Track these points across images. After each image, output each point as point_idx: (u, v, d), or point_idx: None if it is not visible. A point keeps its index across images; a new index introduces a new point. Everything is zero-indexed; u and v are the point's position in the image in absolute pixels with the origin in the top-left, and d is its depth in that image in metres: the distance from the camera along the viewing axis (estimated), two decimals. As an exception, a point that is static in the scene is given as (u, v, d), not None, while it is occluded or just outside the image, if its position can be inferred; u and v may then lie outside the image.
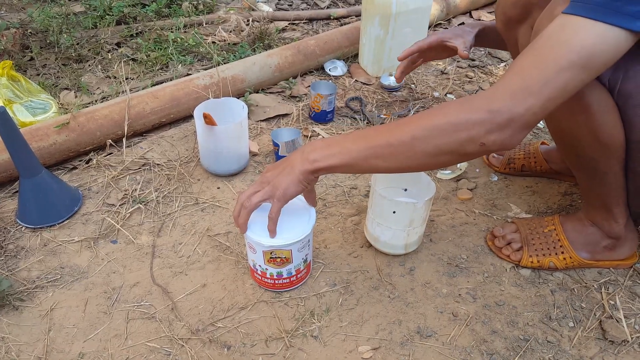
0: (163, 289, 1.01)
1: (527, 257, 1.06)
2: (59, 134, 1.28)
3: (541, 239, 1.07)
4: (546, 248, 1.06)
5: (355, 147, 0.79)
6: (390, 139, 0.77)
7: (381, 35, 1.65)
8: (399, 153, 0.77)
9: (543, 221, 1.09)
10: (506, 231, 1.10)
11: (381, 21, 1.61)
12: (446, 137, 0.74)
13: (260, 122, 1.53)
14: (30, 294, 0.99)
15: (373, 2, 1.60)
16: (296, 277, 0.99)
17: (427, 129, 0.75)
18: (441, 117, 0.75)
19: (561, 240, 1.05)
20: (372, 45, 1.69)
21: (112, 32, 1.90)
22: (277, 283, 0.98)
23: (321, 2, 2.34)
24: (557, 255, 1.05)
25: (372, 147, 0.78)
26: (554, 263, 1.05)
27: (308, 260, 1.00)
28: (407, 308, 0.99)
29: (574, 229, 1.05)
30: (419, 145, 0.75)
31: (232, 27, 2.01)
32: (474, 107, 0.73)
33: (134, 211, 1.20)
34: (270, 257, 0.93)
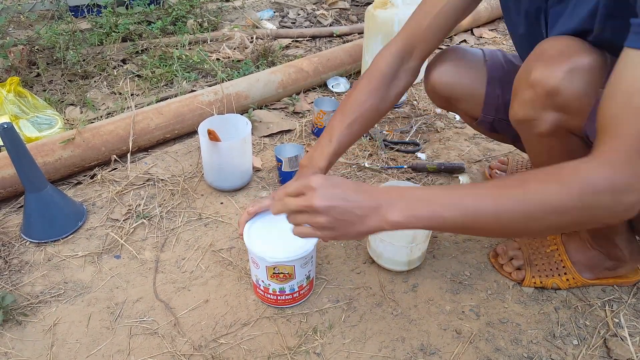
0: (166, 304, 1.01)
1: (529, 277, 1.05)
2: (64, 150, 1.29)
3: (544, 260, 1.06)
4: (549, 269, 1.05)
5: (450, 215, 0.65)
6: (498, 213, 0.64)
7: None
8: (507, 229, 0.67)
9: (545, 241, 1.09)
10: (508, 249, 1.10)
11: (384, 39, 1.64)
12: (566, 216, 0.62)
13: (264, 137, 1.54)
14: (34, 309, 0.99)
15: (376, 21, 1.62)
16: (299, 294, 0.99)
17: (542, 206, 0.62)
18: (556, 189, 0.61)
19: (564, 261, 1.05)
20: None
21: (117, 49, 1.93)
22: (279, 299, 0.98)
23: (324, 19, 2.38)
24: (560, 277, 1.04)
25: (472, 217, 0.65)
26: (557, 284, 1.04)
27: (311, 277, 1.00)
28: (410, 325, 0.98)
29: (576, 250, 1.05)
30: (533, 225, 0.64)
31: (236, 45, 2.03)
32: (594, 179, 0.60)
33: (138, 226, 1.20)
34: (273, 272, 0.93)
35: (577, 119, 0.74)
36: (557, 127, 0.76)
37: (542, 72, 0.73)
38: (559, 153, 0.81)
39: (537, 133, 0.79)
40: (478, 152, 1.50)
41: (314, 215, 0.68)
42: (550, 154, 0.83)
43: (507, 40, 2.26)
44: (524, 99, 0.77)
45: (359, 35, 2.22)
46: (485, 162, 1.46)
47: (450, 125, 1.62)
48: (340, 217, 0.67)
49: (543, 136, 0.79)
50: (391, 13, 1.60)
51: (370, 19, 1.65)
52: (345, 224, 0.68)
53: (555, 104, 0.73)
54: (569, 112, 0.74)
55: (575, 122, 0.75)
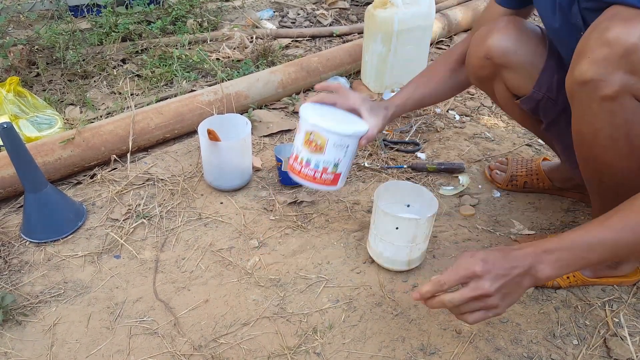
0: (166, 304, 1.01)
1: None
2: (64, 149, 1.29)
3: None
4: None
5: (595, 257, 0.71)
6: (636, 241, 0.69)
7: (383, 52, 1.67)
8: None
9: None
10: None
11: (383, 39, 1.64)
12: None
13: (264, 137, 1.54)
14: (34, 309, 0.99)
15: (375, 20, 1.62)
16: (320, 176, 0.98)
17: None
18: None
19: None
20: (375, 63, 1.71)
21: (117, 49, 1.93)
22: (302, 171, 0.98)
23: (324, 19, 2.38)
24: None
25: (613, 252, 0.71)
26: (558, 282, 1.04)
27: (339, 171, 0.99)
28: (410, 325, 0.98)
29: None
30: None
31: (236, 44, 2.03)
32: None
33: (138, 226, 1.20)
34: (308, 138, 0.95)
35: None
36: (623, 90, 0.75)
37: (621, 29, 0.71)
38: (615, 122, 0.79)
39: (601, 96, 0.76)
40: (478, 152, 1.50)
41: (485, 299, 0.72)
42: (606, 122, 0.80)
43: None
44: (596, 57, 0.75)
45: (358, 35, 2.22)
46: (484, 162, 1.46)
47: (450, 125, 1.62)
48: (506, 292, 0.72)
49: (606, 100, 0.76)
50: (391, 12, 1.60)
51: (370, 19, 1.65)
52: (509, 296, 0.73)
53: (629, 63, 0.72)
54: (637, 74, 0.73)
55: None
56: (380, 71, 1.72)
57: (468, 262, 0.73)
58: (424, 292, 0.77)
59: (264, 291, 1.05)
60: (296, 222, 1.22)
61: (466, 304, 0.73)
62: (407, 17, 1.62)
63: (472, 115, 1.68)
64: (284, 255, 1.14)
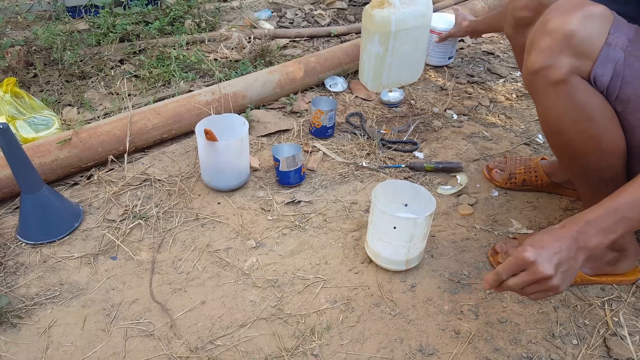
0: (162, 305, 1.00)
1: None
2: (61, 150, 1.29)
3: None
4: None
5: (637, 215, 0.74)
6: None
7: (381, 52, 1.66)
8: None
9: None
10: (508, 247, 1.09)
11: (381, 39, 1.63)
12: None
13: (261, 137, 1.53)
14: (29, 311, 0.99)
15: (373, 21, 1.62)
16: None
17: None
18: None
19: None
20: (372, 63, 1.70)
21: (115, 50, 1.92)
22: None
23: (322, 19, 2.37)
24: None
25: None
26: None
27: None
28: (408, 325, 0.98)
29: None
30: None
31: (234, 45, 2.03)
32: None
33: (134, 227, 1.19)
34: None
35: (588, 63, 0.81)
36: (571, 72, 0.82)
37: (559, 20, 0.80)
38: (573, 104, 0.84)
39: (552, 81, 0.83)
40: (475, 151, 1.50)
41: (545, 282, 0.74)
42: (565, 106, 0.85)
43: (504, 39, 2.25)
44: (541, 47, 0.83)
45: (356, 35, 2.21)
46: (482, 161, 1.45)
47: (448, 125, 1.61)
48: (564, 270, 0.75)
49: (558, 83, 0.83)
50: (388, 12, 1.59)
51: (367, 19, 1.64)
52: (568, 273, 0.76)
53: (571, 46, 0.80)
54: (581, 55, 0.80)
55: (586, 65, 0.81)
56: (378, 71, 1.71)
57: (518, 251, 0.76)
58: (491, 282, 0.79)
59: (261, 292, 1.04)
60: (294, 222, 1.22)
61: (529, 286, 0.76)
62: (404, 17, 1.61)
63: (470, 115, 1.68)
64: (282, 255, 1.13)
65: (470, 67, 2.00)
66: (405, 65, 1.75)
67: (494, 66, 1.99)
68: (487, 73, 1.96)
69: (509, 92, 1.83)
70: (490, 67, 1.99)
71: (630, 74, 0.81)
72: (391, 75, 1.73)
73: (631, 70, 0.80)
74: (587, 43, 0.80)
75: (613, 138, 0.86)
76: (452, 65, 1.99)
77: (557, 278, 0.74)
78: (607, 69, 0.80)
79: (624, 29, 0.81)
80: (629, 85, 0.81)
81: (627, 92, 0.82)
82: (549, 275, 0.73)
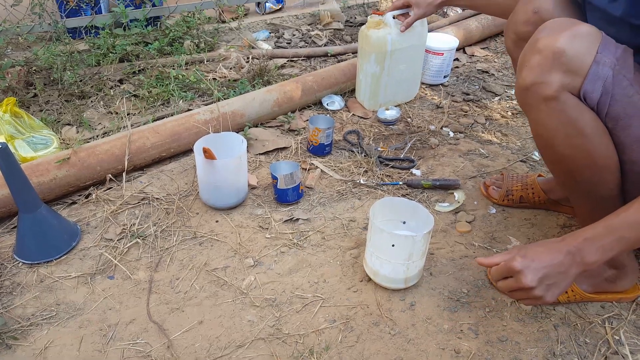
0: (159, 326, 0.99)
1: None
2: (59, 169, 1.29)
3: None
4: None
5: (635, 235, 0.78)
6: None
7: (377, 72, 1.69)
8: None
9: None
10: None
11: (377, 58, 1.65)
12: None
13: (259, 155, 1.54)
14: (25, 332, 0.97)
15: (369, 41, 1.64)
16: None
17: None
18: None
19: None
20: (369, 82, 1.72)
21: (114, 70, 1.94)
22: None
23: (318, 40, 2.41)
24: None
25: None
26: None
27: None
28: (408, 345, 0.97)
29: None
30: None
31: (233, 64, 2.05)
32: None
33: (132, 246, 1.19)
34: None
35: (577, 79, 0.83)
36: (561, 89, 0.83)
37: (548, 38, 0.83)
38: (565, 119, 0.86)
39: (544, 97, 0.85)
40: (472, 168, 1.50)
41: (528, 291, 0.81)
42: (557, 121, 0.87)
43: (498, 58, 2.29)
44: (532, 65, 0.85)
45: (352, 54, 2.24)
46: (479, 178, 1.46)
47: (444, 142, 1.62)
48: (550, 282, 0.80)
49: (550, 100, 0.85)
50: (384, 33, 1.62)
51: (363, 39, 1.67)
52: (555, 286, 0.81)
53: (561, 63, 0.82)
54: (571, 72, 0.83)
55: (576, 82, 0.83)
56: (375, 90, 1.73)
57: (508, 258, 0.82)
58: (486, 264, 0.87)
59: (259, 311, 1.03)
60: (292, 240, 1.22)
61: (515, 292, 0.83)
62: (400, 37, 1.64)
63: (466, 132, 1.69)
64: (280, 274, 1.12)
65: (465, 85, 2.02)
66: (401, 84, 1.77)
67: (489, 84, 2.01)
68: (482, 91, 1.99)
69: (504, 109, 1.85)
70: (485, 85, 2.02)
71: (619, 92, 0.83)
72: (387, 94, 1.75)
73: (620, 88, 0.82)
74: (576, 60, 0.82)
75: (606, 153, 0.88)
76: (448, 84, 2.02)
77: (539, 289, 0.80)
78: (597, 86, 0.82)
79: (612, 48, 0.83)
80: (618, 103, 0.83)
81: (616, 110, 0.84)
82: (531, 286, 0.80)
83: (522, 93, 0.90)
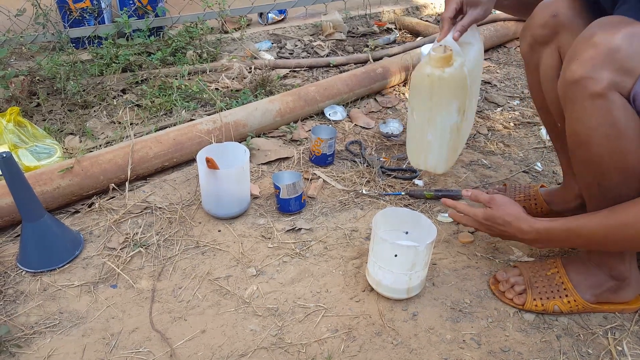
0: (162, 334, 0.99)
1: (530, 300, 1.05)
2: (62, 178, 1.29)
3: (544, 282, 1.06)
4: (550, 291, 1.05)
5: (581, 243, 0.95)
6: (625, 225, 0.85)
7: (458, 121, 1.20)
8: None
9: (545, 264, 1.09)
10: (509, 275, 1.10)
11: (460, 105, 1.18)
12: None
13: (262, 165, 1.55)
14: (28, 340, 0.97)
15: (447, 86, 1.16)
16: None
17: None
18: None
19: (565, 283, 1.04)
20: (447, 138, 1.24)
21: (117, 79, 1.96)
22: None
23: (321, 50, 2.43)
24: (561, 299, 1.04)
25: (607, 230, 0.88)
26: (559, 307, 1.03)
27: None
28: (410, 355, 0.97)
29: (577, 272, 1.05)
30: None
31: (235, 75, 2.07)
32: None
33: (135, 255, 1.19)
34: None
35: (629, 80, 0.80)
36: (611, 87, 0.81)
37: (605, 34, 0.80)
38: (608, 120, 0.83)
39: (591, 93, 0.82)
40: (475, 178, 1.51)
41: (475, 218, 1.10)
42: (599, 120, 0.84)
43: (500, 69, 2.31)
44: (584, 58, 0.82)
45: (354, 65, 2.26)
46: (482, 188, 1.46)
47: (447, 153, 1.63)
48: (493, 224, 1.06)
49: (596, 97, 0.82)
50: (460, 65, 1.13)
51: (432, 87, 1.17)
52: (491, 229, 1.08)
53: (614, 61, 0.79)
54: (624, 72, 0.80)
55: (627, 83, 0.80)
56: (455, 144, 1.26)
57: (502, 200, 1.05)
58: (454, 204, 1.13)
59: (261, 321, 1.03)
60: (294, 250, 1.22)
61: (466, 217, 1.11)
62: (471, 62, 1.19)
63: (468, 143, 1.70)
64: (282, 283, 1.13)
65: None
66: (469, 120, 1.36)
67: (491, 95, 2.03)
68: (484, 102, 2.00)
69: (506, 120, 1.86)
70: (487, 96, 2.03)
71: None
72: (463, 141, 1.35)
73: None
74: (631, 60, 0.79)
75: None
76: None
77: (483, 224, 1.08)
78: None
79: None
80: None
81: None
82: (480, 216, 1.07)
83: (568, 86, 0.86)
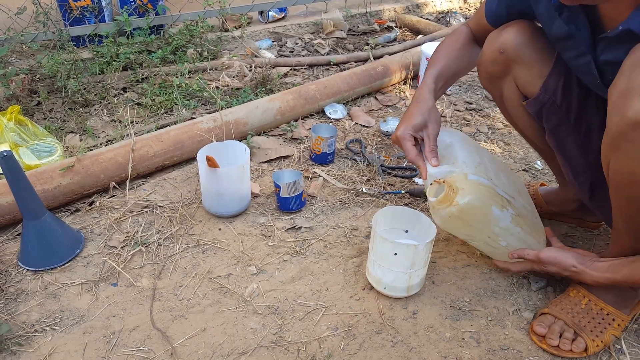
0: (162, 333, 1.00)
1: (590, 342, 0.96)
2: (63, 177, 1.30)
3: (587, 317, 0.99)
4: (598, 323, 0.99)
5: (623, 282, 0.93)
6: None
7: (512, 213, 1.04)
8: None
9: (572, 298, 1.03)
10: (548, 324, 1.00)
11: (496, 206, 1.02)
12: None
13: (262, 163, 1.55)
14: (29, 338, 0.98)
15: (472, 210, 0.99)
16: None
17: None
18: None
19: (604, 309, 1.00)
20: (517, 231, 1.05)
21: (118, 78, 1.96)
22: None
23: (321, 48, 2.43)
24: (611, 325, 0.99)
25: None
26: (614, 334, 0.99)
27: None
28: (410, 353, 0.97)
29: (605, 291, 1.00)
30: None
31: (236, 73, 2.07)
32: None
33: (135, 253, 1.20)
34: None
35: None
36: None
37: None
38: None
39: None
40: (475, 177, 1.51)
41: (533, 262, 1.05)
42: None
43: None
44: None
45: (355, 63, 2.26)
46: (482, 187, 1.46)
47: (447, 151, 1.63)
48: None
49: None
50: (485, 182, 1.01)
51: (458, 220, 1.01)
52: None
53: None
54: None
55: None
56: (531, 225, 1.11)
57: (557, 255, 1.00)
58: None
59: (262, 319, 1.04)
60: (294, 248, 1.22)
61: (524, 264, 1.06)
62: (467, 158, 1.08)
63: (469, 141, 1.70)
64: (282, 281, 1.13)
65: (468, 94, 2.04)
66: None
67: (490, 94, 2.03)
68: (484, 100, 2.00)
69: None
70: (487, 94, 2.03)
71: None
72: None
73: None
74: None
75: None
76: (450, 93, 2.03)
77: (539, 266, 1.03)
78: None
79: None
80: None
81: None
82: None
83: (631, 127, 0.73)
